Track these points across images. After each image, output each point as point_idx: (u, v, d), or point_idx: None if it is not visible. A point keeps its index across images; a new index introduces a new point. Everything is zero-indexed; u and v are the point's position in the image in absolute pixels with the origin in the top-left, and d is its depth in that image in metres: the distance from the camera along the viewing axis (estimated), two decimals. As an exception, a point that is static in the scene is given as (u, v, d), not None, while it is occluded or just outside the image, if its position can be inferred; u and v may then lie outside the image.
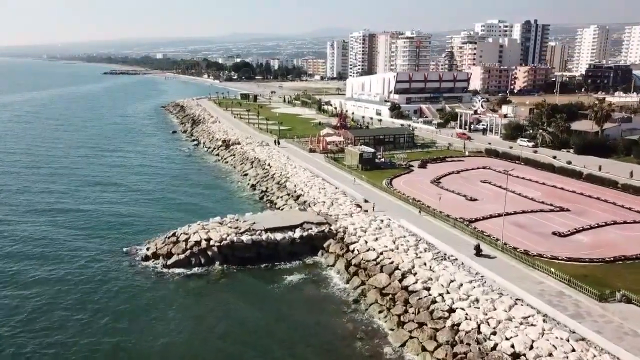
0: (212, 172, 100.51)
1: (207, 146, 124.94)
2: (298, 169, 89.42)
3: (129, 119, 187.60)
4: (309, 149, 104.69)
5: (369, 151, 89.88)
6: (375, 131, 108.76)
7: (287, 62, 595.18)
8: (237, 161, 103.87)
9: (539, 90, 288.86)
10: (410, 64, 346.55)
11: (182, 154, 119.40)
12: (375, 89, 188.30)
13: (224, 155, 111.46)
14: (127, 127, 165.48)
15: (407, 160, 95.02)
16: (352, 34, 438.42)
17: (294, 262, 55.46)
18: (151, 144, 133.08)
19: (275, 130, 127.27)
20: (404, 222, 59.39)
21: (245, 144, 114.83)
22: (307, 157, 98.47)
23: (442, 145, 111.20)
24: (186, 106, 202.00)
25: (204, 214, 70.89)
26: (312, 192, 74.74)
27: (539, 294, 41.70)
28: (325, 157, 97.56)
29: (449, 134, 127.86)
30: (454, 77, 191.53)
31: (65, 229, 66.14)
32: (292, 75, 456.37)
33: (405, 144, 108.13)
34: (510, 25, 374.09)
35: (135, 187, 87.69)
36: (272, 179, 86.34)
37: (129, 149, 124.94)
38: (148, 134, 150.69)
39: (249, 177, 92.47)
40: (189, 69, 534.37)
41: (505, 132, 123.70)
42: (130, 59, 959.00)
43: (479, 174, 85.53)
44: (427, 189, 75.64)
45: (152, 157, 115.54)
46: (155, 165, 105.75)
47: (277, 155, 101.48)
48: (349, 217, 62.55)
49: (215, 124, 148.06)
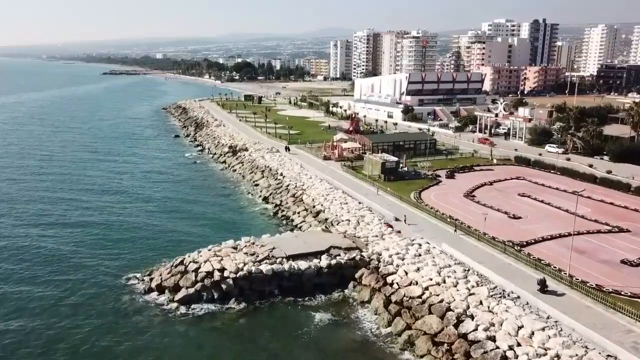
0: (219, 181, 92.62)
1: (212, 152, 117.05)
2: (314, 179, 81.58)
3: (129, 121, 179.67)
4: (323, 156, 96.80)
5: (392, 160, 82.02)
6: (394, 137, 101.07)
7: (289, 62, 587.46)
8: (246, 169, 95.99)
9: (550, 91, 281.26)
10: (416, 64, 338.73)
11: (186, 160, 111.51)
12: (386, 90, 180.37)
13: (231, 163, 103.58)
14: (127, 130, 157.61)
15: (432, 169, 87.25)
16: (356, 34, 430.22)
17: (320, 296, 47.58)
18: (152, 149, 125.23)
19: (284, 135, 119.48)
20: (446, 246, 51.52)
21: (253, 150, 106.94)
22: (322, 166, 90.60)
23: (465, 152, 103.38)
24: (188, 108, 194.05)
25: (214, 232, 63.39)
26: (334, 207, 66.89)
27: (634, 348, 33.88)
28: (342, 165, 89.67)
29: (469, 138, 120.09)
30: (467, 78, 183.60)
31: (55, 248, 58.39)
32: (294, 76, 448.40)
33: (426, 151, 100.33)
34: (518, 25, 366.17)
35: (135, 199, 79.90)
36: (287, 190, 78.45)
37: (128, 155, 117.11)
38: (149, 138, 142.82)
39: (260, 188, 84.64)
40: (190, 69, 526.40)
41: (530, 138, 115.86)
42: (129, 59, 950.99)
43: (515, 185, 77.68)
44: (461, 204, 67.83)
45: (153, 163, 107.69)
46: (157, 174, 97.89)
47: (289, 163, 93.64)
48: (381, 240, 54.72)
49: (220, 128, 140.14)
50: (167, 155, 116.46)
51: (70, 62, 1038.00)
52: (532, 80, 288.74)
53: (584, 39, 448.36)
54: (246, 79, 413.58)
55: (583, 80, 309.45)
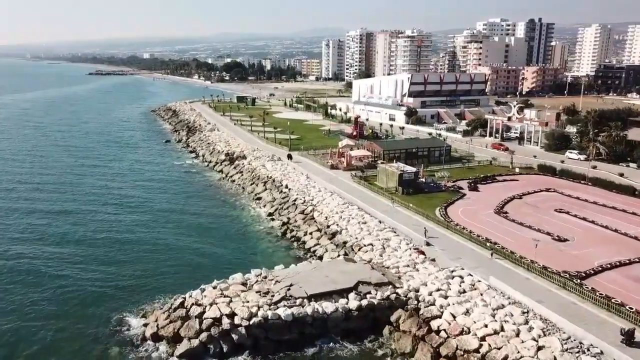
0: (217, 194, 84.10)
1: (207, 160, 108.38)
2: (324, 192, 73.51)
3: (116, 125, 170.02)
4: (330, 165, 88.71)
5: (410, 171, 74.15)
6: (406, 143, 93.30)
7: (280, 62, 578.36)
8: (246, 180, 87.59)
9: (549, 91, 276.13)
10: (411, 64, 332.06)
11: (178, 169, 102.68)
12: (386, 91, 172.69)
13: (229, 173, 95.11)
14: (114, 134, 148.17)
15: (451, 179, 79.60)
16: (348, 33, 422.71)
17: (350, 345, 39.56)
18: (141, 156, 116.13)
19: (284, 141, 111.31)
20: (494, 280, 43.72)
21: (252, 158, 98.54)
22: (330, 176, 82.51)
23: (482, 159, 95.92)
24: (179, 110, 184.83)
25: (217, 259, 55.23)
26: (352, 228, 58.87)
27: None
28: (352, 176, 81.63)
29: (481, 143, 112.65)
30: (471, 79, 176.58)
31: (30, 283, 49.62)
32: (286, 76, 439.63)
33: (441, 158, 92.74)
34: (513, 24, 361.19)
35: (122, 216, 71.18)
36: (294, 206, 70.29)
37: (115, 163, 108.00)
38: (137, 143, 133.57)
39: (264, 202, 76.41)
40: (179, 70, 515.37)
41: (548, 143, 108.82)
42: (116, 59, 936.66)
43: (547, 199, 70.18)
44: (494, 222, 60.17)
45: (142, 173, 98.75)
46: (147, 185, 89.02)
47: (293, 173, 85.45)
48: (415, 272, 46.81)
49: (214, 133, 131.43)
50: (157, 164, 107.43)
51: (55, 62, 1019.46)
52: (530, 81, 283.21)
53: (577, 39, 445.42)
54: (237, 80, 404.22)
55: (578, 80, 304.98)
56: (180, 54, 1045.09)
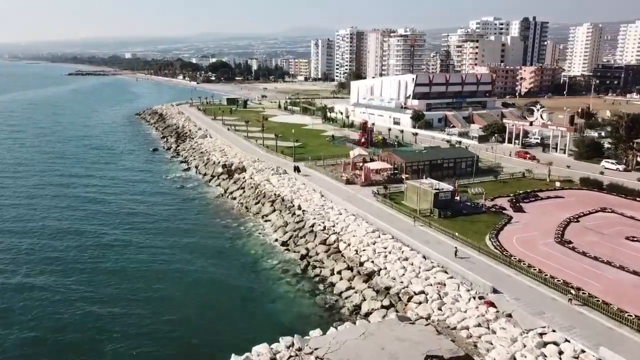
0: (216, 216, 72.21)
1: (201, 172, 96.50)
2: (345, 215, 62.44)
3: (98, 130, 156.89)
4: (346, 179, 77.58)
5: (446, 189, 63.39)
6: (429, 154, 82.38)
7: (266, 62, 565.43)
8: (250, 199, 76.06)
9: (547, 91, 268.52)
10: (404, 64, 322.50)
11: (169, 184, 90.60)
12: (388, 93, 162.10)
13: (228, 188, 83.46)
14: (95, 142, 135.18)
15: (489, 197, 69.01)
16: (338, 32, 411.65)
17: None
18: (126, 168, 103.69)
19: (286, 149, 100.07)
20: (606, 352, 33.03)
21: (254, 170, 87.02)
22: (348, 194, 71.42)
23: (511, 170, 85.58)
24: (166, 114, 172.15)
25: (226, 317, 43.62)
26: (392, 267, 47.88)
27: None
28: (373, 193, 70.57)
29: (502, 150, 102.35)
30: (477, 80, 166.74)
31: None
32: (274, 76, 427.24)
33: (467, 170, 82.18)
34: (507, 23, 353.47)
35: (102, 253, 58.63)
36: (312, 233, 59.09)
37: (94, 177, 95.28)
38: (122, 153, 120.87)
39: (274, 227, 65.06)
40: (162, 70, 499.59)
41: (578, 151, 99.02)
42: (97, 59, 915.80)
43: (608, 222, 59.84)
44: (560, 255, 49.58)
45: (127, 190, 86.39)
46: (132, 207, 76.22)
47: (305, 190, 74.20)
48: (492, 335, 36.01)
49: (207, 140, 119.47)
50: (144, 178, 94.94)
51: (34, 62, 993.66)
52: (528, 81, 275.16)
53: (568, 38, 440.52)
54: (223, 80, 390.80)
55: (577, 80, 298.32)
56: (162, 53, 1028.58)
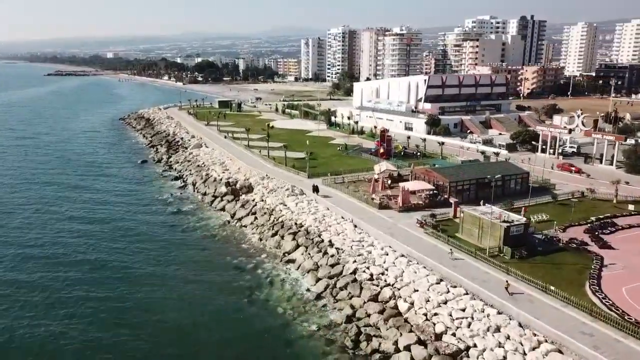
0: (225, 253, 58.21)
1: (199, 190, 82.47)
2: (393, 256, 49.26)
3: (78, 138, 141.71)
4: (379, 203, 64.41)
5: (518, 221, 50.55)
6: (474, 170, 69.48)
7: (253, 61, 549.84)
8: (265, 227, 62.52)
9: (550, 92, 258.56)
10: (400, 64, 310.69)
11: (162, 207, 76.28)
12: (397, 95, 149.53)
13: (235, 212, 69.78)
14: (74, 152, 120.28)
15: (560, 226, 56.38)
16: (329, 31, 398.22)
17: None
18: (110, 185, 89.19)
19: (296, 162, 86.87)
20: None
21: (264, 190, 73.46)
22: (386, 223, 58.24)
23: (561, 186, 73.24)
24: (154, 119, 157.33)
25: None
26: (485, 343, 34.89)
27: None
28: (420, 224, 57.35)
29: (539, 161, 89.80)
30: (491, 81, 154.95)
31: None
32: (263, 77, 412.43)
33: (519, 189, 69.63)
34: (503, 22, 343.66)
35: (80, 304, 45.19)
36: (356, 283, 45.84)
37: (73, 198, 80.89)
38: (105, 165, 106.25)
39: (302, 270, 51.68)
40: (146, 70, 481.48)
41: (629, 162, 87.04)
42: (78, 59, 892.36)
43: None
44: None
45: (111, 216, 71.95)
46: (116, 240, 61.92)
47: (332, 217, 60.88)
48: None
49: (203, 151, 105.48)
50: (132, 199, 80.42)
51: (12, 61, 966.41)
52: (530, 81, 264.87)
53: (562, 37, 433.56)
54: (211, 81, 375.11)
55: (581, 81, 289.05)
56: (145, 53, 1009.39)
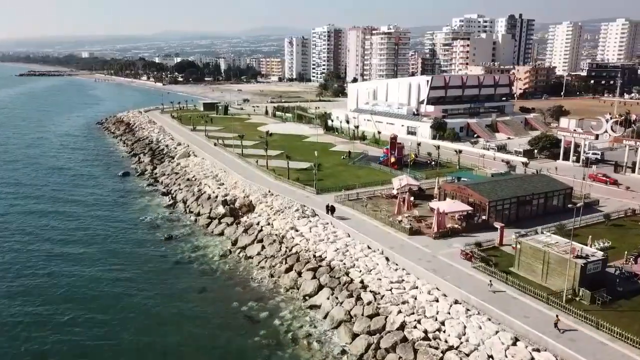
0: (230, 295, 47.31)
1: (192, 210, 71.62)
2: (444, 302, 39.64)
3: (50, 145, 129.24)
4: (409, 228, 54.65)
5: (596, 257, 41.37)
6: (513, 187, 59.89)
7: (235, 61, 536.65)
8: (276, 261, 52.20)
9: (542, 92, 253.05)
10: (388, 64, 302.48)
11: (149, 231, 65.18)
12: (396, 97, 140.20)
13: (236, 239, 59.34)
14: (46, 162, 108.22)
15: (631, 255, 47.41)
16: (314, 30, 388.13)
17: None
18: (87, 203, 77.61)
19: (300, 175, 76.91)
20: None
21: (269, 210, 63.21)
22: (423, 254, 48.54)
23: (605, 203, 64.62)
24: (134, 124, 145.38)
25: None
26: None
27: None
28: (466, 255, 47.76)
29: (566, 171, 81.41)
30: (494, 82, 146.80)
31: None
32: (246, 77, 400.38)
33: (561, 207, 60.67)
34: (491, 21, 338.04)
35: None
36: (408, 344, 35.99)
37: (40, 219, 69.19)
38: (80, 176, 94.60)
39: (332, 321, 41.52)
40: (124, 70, 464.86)
41: (667, 172, 79.19)
42: (52, 58, 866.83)
43: None
44: None
45: (87, 242, 60.93)
46: (93, 278, 50.95)
47: (356, 247, 50.95)
48: None
49: (192, 161, 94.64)
50: (113, 222, 68.68)
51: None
52: (523, 81, 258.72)
53: (548, 37, 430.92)
54: (192, 81, 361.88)
55: (572, 81, 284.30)
56: (122, 53, 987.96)
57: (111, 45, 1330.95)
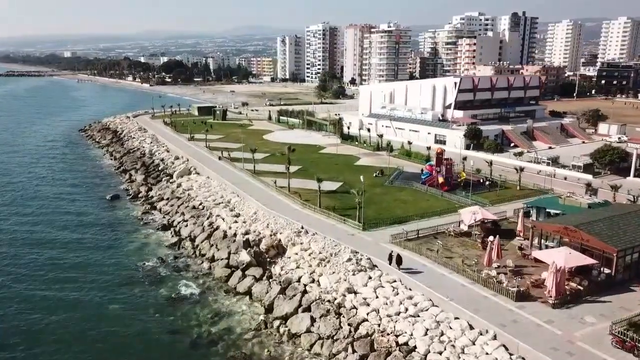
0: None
1: (203, 252, 55.66)
2: None
3: (26, 157, 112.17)
4: (516, 292, 39.46)
5: None
6: (630, 224, 45.45)
7: (224, 61, 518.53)
8: (339, 347, 36.65)
9: (553, 93, 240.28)
10: (389, 64, 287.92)
11: (149, 287, 49.10)
12: (417, 101, 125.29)
13: (269, 302, 43.70)
14: (18, 179, 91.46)
15: None
16: (308, 28, 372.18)
17: None
18: (66, 242, 61.21)
19: (329, 201, 61.62)
20: None
21: (310, 259, 47.70)
22: (552, 336, 33.53)
23: None
24: (122, 131, 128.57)
25: None
26: None
27: None
28: (619, 343, 32.77)
29: (628, 187, 66.83)
30: (524, 83, 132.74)
31: None
32: (237, 77, 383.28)
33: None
34: (492, 19, 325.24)
35: None
36: None
37: (8, 273, 53.33)
38: (61, 201, 78.06)
39: None
40: (108, 70, 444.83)
41: None
42: (32, 58, 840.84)
43: None
44: None
45: (65, 305, 45.21)
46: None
47: (451, 329, 35.74)
48: None
49: (194, 180, 78.52)
50: (102, 269, 52.77)
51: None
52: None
53: (547, 35, 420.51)
54: (181, 82, 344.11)
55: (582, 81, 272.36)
56: (105, 52, 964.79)
57: (94, 45, 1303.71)
